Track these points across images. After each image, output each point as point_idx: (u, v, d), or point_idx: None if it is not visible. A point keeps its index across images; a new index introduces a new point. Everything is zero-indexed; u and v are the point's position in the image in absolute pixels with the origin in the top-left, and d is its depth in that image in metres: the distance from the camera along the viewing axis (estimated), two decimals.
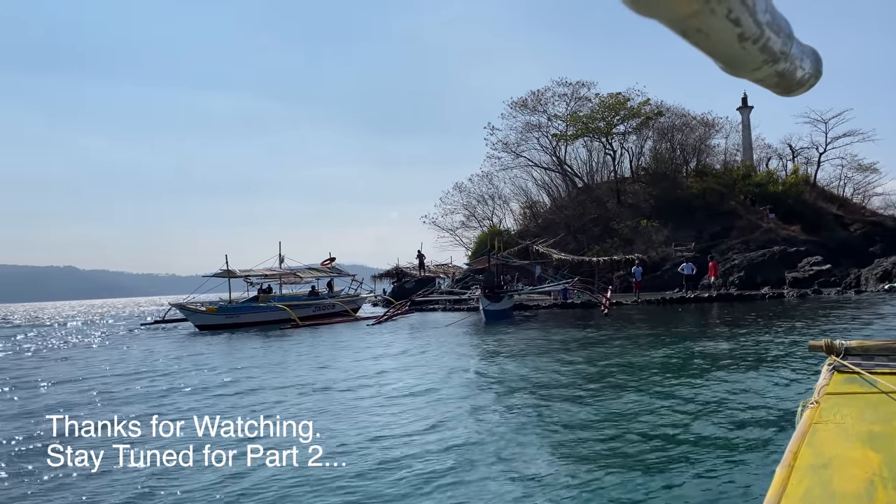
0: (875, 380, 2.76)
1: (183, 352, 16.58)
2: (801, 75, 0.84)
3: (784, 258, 31.89)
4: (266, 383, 10.57)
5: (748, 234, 37.78)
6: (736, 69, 0.74)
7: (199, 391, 10.01)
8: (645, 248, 38.18)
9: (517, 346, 14.31)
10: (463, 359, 12.61)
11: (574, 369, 10.70)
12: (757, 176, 42.54)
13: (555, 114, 46.06)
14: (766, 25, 0.66)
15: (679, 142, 45.79)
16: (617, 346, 13.34)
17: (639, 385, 8.82)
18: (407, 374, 10.95)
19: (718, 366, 10.17)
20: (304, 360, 13.55)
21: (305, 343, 17.39)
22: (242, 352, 16.08)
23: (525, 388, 9.10)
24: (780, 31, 0.71)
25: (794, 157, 46.82)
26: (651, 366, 10.65)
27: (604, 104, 43.89)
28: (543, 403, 7.98)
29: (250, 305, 23.59)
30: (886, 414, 2.35)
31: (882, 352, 3.28)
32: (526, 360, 11.97)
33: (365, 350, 14.96)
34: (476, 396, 8.71)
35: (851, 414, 2.37)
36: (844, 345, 3.34)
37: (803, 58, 0.83)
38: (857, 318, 16.33)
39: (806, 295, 24.27)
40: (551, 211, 48.11)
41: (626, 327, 17.14)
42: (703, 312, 21.20)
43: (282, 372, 11.91)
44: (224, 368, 12.77)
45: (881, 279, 26.39)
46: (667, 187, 43.19)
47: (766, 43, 0.68)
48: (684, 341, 13.45)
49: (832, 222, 39.99)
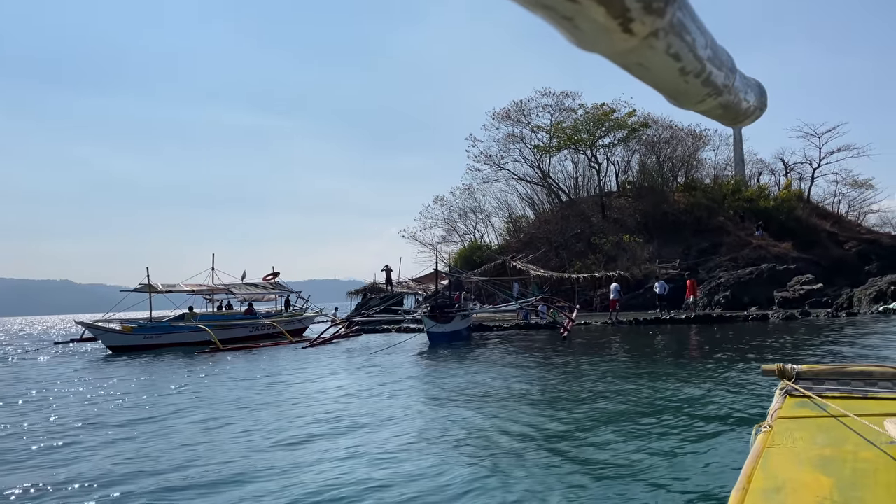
0: (826, 404, 2.93)
1: (59, 377, 14.56)
2: (746, 107, 0.85)
3: (773, 276, 29.87)
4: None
5: (737, 250, 35.81)
6: (681, 101, 0.76)
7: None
8: (629, 265, 36.15)
9: (435, 381, 12.25)
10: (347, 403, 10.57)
11: (489, 409, 8.68)
12: (748, 191, 40.69)
13: (538, 125, 44.26)
14: (708, 60, 0.67)
15: (667, 155, 43.98)
16: (556, 378, 11.32)
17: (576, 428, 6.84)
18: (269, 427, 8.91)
19: (668, 400, 8.32)
20: (179, 400, 11.51)
21: (204, 373, 15.34)
22: (124, 380, 14.03)
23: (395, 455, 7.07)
24: (723, 66, 0.72)
25: (787, 173, 45.00)
26: (585, 401, 8.63)
27: (588, 115, 42.10)
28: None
29: (170, 325, 21.32)
30: (837, 438, 2.49)
31: (832, 376, 3.50)
32: (427, 406, 9.92)
33: (261, 382, 12.94)
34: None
35: (803, 438, 2.51)
36: (796, 369, 3.55)
37: (747, 90, 0.84)
38: (843, 344, 14.27)
39: (793, 317, 22.16)
40: (534, 226, 46.18)
41: (578, 355, 15.08)
42: (675, 336, 19.14)
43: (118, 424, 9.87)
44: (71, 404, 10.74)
45: (875, 300, 24.32)
46: (654, 202, 41.28)
47: (708, 77, 0.70)
48: (632, 375, 11.41)
49: (826, 239, 38.05)
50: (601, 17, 0.45)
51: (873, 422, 2.52)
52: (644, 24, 0.48)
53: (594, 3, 0.44)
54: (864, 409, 2.88)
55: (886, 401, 3.09)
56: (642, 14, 0.47)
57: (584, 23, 0.46)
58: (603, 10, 0.45)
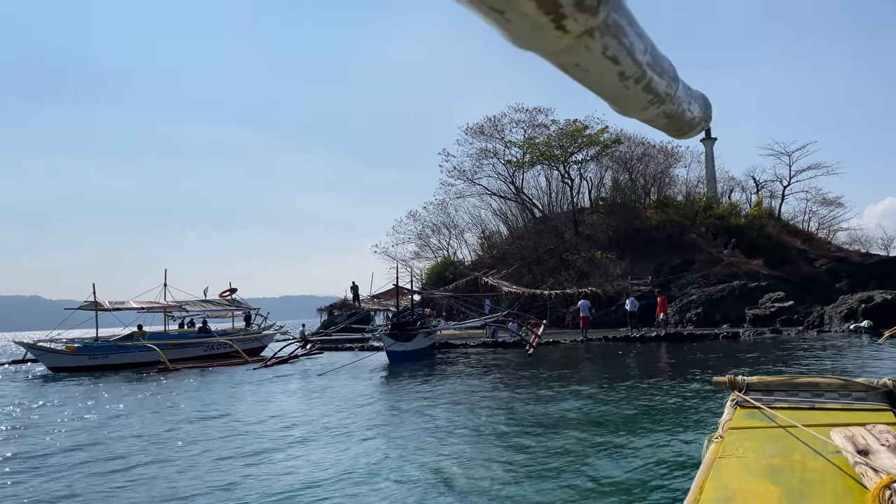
0: (775, 414, 3.03)
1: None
2: (690, 118, 0.84)
3: (744, 293, 29.60)
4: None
5: (709, 267, 35.63)
6: (624, 108, 0.75)
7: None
8: (601, 282, 35.75)
9: (387, 404, 11.48)
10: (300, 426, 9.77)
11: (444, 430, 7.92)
12: (719, 208, 40.70)
13: (511, 140, 43.93)
14: (648, 66, 0.66)
15: (639, 172, 43.94)
16: (513, 400, 10.61)
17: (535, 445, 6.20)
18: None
19: (628, 417, 7.93)
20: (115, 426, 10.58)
21: (141, 397, 14.36)
22: (54, 406, 13.01)
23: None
24: (664, 73, 0.71)
25: (758, 190, 45.18)
26: (546, 423, 7.93)
27: (561, 132, 41.91)
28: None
29: (117, 345, 20.16)
30: (785, 448, 2.58)
31: (781, 387, 3.64)
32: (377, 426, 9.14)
33: (200, 407, 12.06)
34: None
35: (753, 448, 2.58)
36: (746, 381, 3.69)
37: (691, 101, 0.84)
38: (810, 363, 13.80)
39: (763, 335, 21.75)
40: (507, 242, 45.74)
41: (541, 375, 14.41)
42: (645, 355, 18.57)
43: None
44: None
45: (846, 318, 24.07)
46: (626, 218, 41.11)
47: (649, 83, 0.69)
48: (595, 395, 10.74)
49: (797, 257, 38.13)
50: (532, 11, 0.44)
51: (820, 432, 2.60)
52: (577, 21, 0.47)
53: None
54: (811, 419, 2.96)
55: (832, 411, 3.19)
56: (574, 11, 0.46)
57: (516, 17, 0.45)
58: (534, 5, 0.44)
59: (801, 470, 2.32)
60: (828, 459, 2.41)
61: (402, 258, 47.70)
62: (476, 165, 45.09)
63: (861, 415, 3.13)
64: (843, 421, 2.92)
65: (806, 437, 2.64)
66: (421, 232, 47.71)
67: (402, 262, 47.87)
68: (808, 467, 2.35)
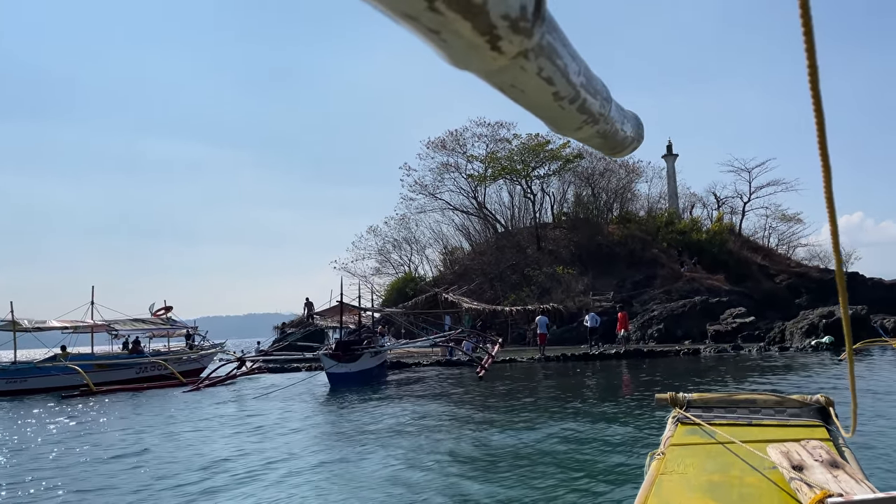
0: (714, 431, 3.11)
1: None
2: (623, 137, 0.86)
3: (706, 309, 29.19)
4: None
5: (671, 283, 35.28)
6: (559, 127, 0.76)
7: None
8: (563, 298, 35.09)
9: (316, 433, 10.32)
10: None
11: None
12: (681, 223, 40.54)
13: (473, 154, 43.28)
14: (582, 87, 0.67)
15: (601, 187, 43.65)
16: (467, 421, 9.56)
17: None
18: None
19: (575, 439, 7.25)
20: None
21: (53, 424, 12.92)
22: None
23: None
24: (597, 94, 0.73)
25: (719, 206, 45.27)
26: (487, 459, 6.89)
27: (523, 146, 41.44)
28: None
29: (36, 367, 18.46)
30: (724, 464, 2.66)
31: (720, 404, 3.75)
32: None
33: (113, 434, 10.74)
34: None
35: (694, 464, 2.66)
36: (687, 397, 3.80)
37: (624, 121, 0.85)
38: (769, 383, 13.07)
39: (724, 352, 21.11)
40: (469, 257, 44.86)
41: (492, 397, 13.40)
42: (603, 373, 17.71)
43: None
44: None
45: (807, 333, 23.69)
46: (588, 233, 40.69)
47: (583, 104, 0.70)
48: (545, 419, 9.77)
49: (757, 272, 38.10)
50: (467, 31, 0.44)
51: (757, 448, 2.72)
52: (512, 43, 0.47)
53: (459, 17, 0.43)
54: (748, 435, 3.05)
55: (769, 427, 3.30)
56: (509, 33, 0.46)
57: (452, 38, 0.45)
58: (469, 25, 0.44)
59: (739, 485, 2.39)
60: (764, 475, 2.47)
61: (361, 274, 46.49)
62: (437, 180, 44.33)
63: (796, 430, 3.23)
64: (779, 437, 3.00)
65: (744, 453, 2.71)
66: (381, 247, 46.59)
67: (362, 279, 46.68)
68: (746, 483, 2.42)
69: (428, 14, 0.42)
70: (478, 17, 0.43)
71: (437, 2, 0.41)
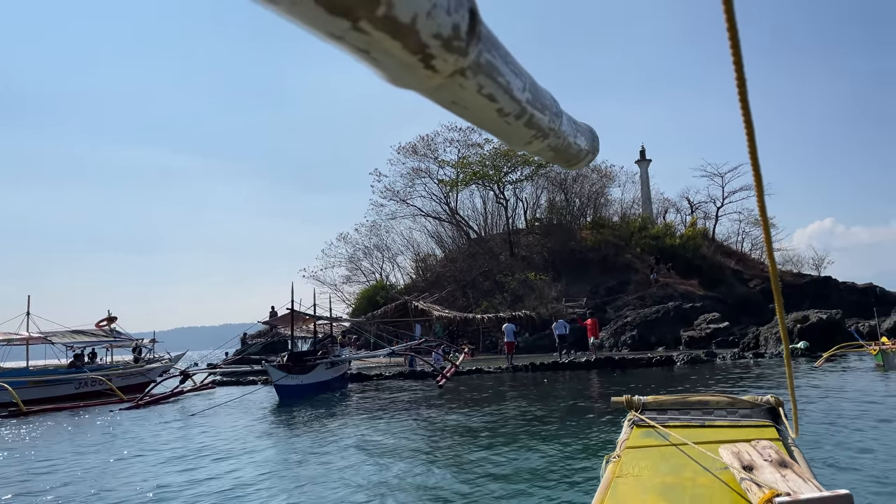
0: (668, 433, 3.17)
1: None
2: (577, 151, 0.87)
3: (680, 315, 28.56)
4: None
5: (644, 288, 34.71)
6: (509, 142, 0.74)
7: None
8: (536, 304, 34.29)
9: (251, 456, 9.27)
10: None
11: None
12: (654, 228, 40.06)
13: (444, 160, 42.42)
14: (528, 103, 0.66)
15: (575, 192, 43.07)
16: (423, 436, 8.59)
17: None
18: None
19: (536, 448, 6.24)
20: None
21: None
22: None
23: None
24: (546, 109, 0.72)
25: (693, 211, 44.95)
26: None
27: (495, 150, 40.72)
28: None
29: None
30: (676, 466, 2.74)
31: (674, 406, 3.86)
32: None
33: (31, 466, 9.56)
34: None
35: (648, 466, 2.73)
36: (642, 400, 3.88)
37: (577, 134, 0.85)
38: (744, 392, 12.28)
39: (698, 360, 20.41)
40: (441, 264, 43.93)
41: (454, 407, 12.46)
42: (571, 382, 16.86)
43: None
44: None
45: (781, 339, 23.07)
46: (561, 239, 40.05)
47: (530, 119, 0.68)
48: (504, 436, 8.85)
49: (731, 277, 37.73)
50: (398, 51, 0.43)
51: (709, 449, 2.79)
52: (447, 61, 0.47)
53: (387, 37, 0.41)
54: (701, 436, 3.15)
55: (721, 428, 3.41)
56: (443, 52, 0.45)
57: (383, 57, 0.44)
58: (398, 45, 0.42)
59: (692, 487, 2.47)
60: (716, 476, 2.55)
61: (332, 283, 45.33)
62: (409, 185, 43.35)
63: (747, 431, 3.31)
64: (730, 437, 3.12)
65: (696, 455, 2.80)
66: (352, 255, 45.44)
67: (332, 287, 45.51)
68: (699, 484, 2.50)
69: (353, 34, 0.41)
70: (407, 36, 0.42)
71: (361, 21, 0.39)
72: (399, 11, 0.39)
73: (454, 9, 0.44)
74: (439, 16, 0.42)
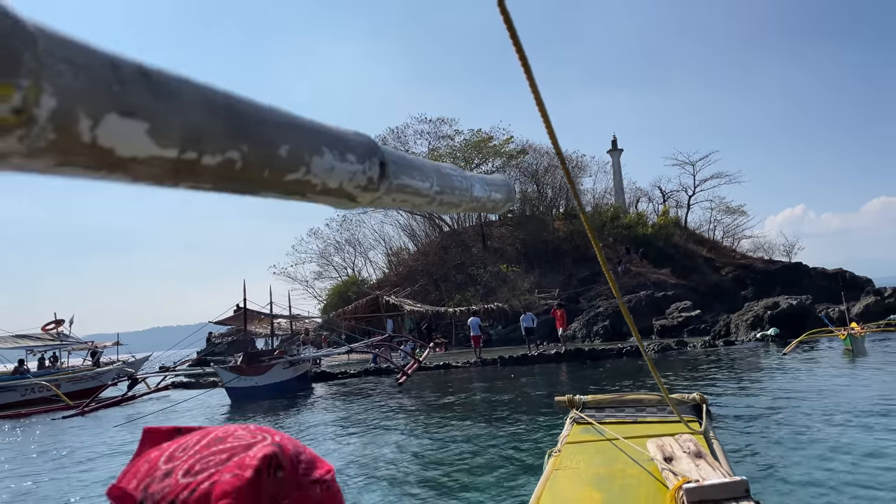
0: (604, 429, 3.46)
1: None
2: (495, 202, 0.96)
3: (651, 304, 28.34)
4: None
5: (617, 278, 34.41)
6: (441, 213, 0.75)
7: None
8: (509, 296, 33.87)
9: None
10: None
11: None
12: (626, 218, 39.85)
13: (415, 152, 41.71)
14: (437, 194, 0.74)
15: (547, 183, 42.69)
16: (380, 436, 8.05)
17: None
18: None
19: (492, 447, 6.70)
20: None
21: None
22: None
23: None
24: (454, 190, 0.79)
25: (665, 200, 44.84)
26: None
27: (466, 143, 40.25)
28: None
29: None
30: (610, 458, 2.98)
31: (611, 404, 4.22)
32: None
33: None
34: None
35: (584, 460, 2.98)
36: (583, 399, 4.26)
37: (491, 192, 0.93)
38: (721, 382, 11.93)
39: (668, 349, 20.11)
40: (414, 258, 43.35)
41: (412, 406, 11.93)
42: (539, 376, 16.42)
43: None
44: None
45: (752, 326, 22.97)
46: (534, 231, 39.68)
47: (441, 201, 0.76)
48: (466, 427, 8.35)
49: (703, 265, 37.68)
50: (331, 200, 0.56)
51: (638, 443, 3.06)
52: (365, 198, 0.59)
53: (324, 198, 0.54)
54: (633, 431, 3.46)
55: (651, 423, 3.79)
56: (362, 193, 0.58)
57: (319, 199, 0.55)
58: (332, 199, 0.55)
59: (621, 477, 2.75)
60: (643, 467, 2.84)
61: (303, 279, 44.53)
62: None
63: (673, 426, 3.68)
64: (658, 432, 3.36)
65: (627, 448, 3.06)
66: (323, 250, 44.63)
67: (303, 283, 44.73)
68: (628, 474, 2.78)
69: (300, 198, 0.53)
70: (337, 193, 0.54)
71: (308, 194, 0.52)
72: (331, 183, 0.52)
73: (368, 168, 0.56)
74: (357, 177, 0.55)
